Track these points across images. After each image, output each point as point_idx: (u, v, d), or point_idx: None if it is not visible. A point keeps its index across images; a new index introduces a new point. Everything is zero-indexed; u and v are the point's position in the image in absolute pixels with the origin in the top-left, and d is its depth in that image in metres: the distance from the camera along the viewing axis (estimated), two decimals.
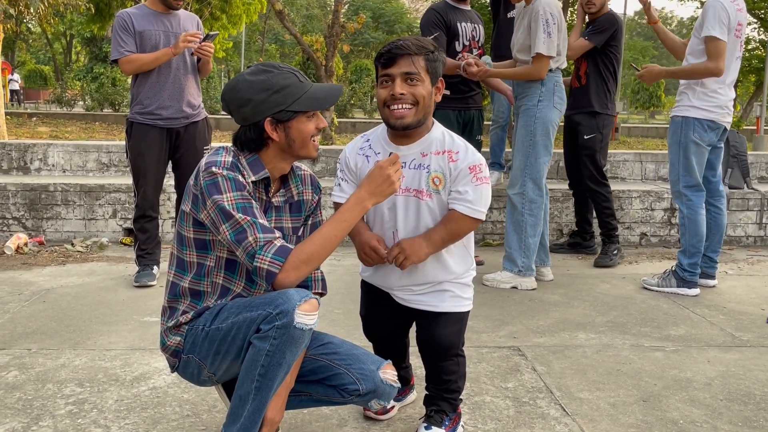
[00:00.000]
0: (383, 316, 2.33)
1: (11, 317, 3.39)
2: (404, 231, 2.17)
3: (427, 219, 2.16)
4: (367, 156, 2.21)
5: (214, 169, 1.90)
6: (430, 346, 2.22)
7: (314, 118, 1.99)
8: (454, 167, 2.12)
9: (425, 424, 2.22)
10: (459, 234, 2.16)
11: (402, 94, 2.05)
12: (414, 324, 2.35)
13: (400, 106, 2.07)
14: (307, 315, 1.82)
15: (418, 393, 2.56)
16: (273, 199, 2.05)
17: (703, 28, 3.91)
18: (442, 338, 2.19)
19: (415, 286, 2.20)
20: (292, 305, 1.80)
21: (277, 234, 1.90)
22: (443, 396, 2.25)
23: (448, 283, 2.20)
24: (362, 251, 2.20)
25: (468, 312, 2.25)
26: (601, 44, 4.71)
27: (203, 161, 1.94)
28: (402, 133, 2.13)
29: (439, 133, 2.18)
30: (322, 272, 2.17)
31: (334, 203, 2.26)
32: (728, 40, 3.90)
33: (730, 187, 5.75)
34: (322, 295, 2.14)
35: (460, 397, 2.30)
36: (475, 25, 4.38)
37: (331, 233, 1.92)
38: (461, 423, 2.31)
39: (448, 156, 2.13)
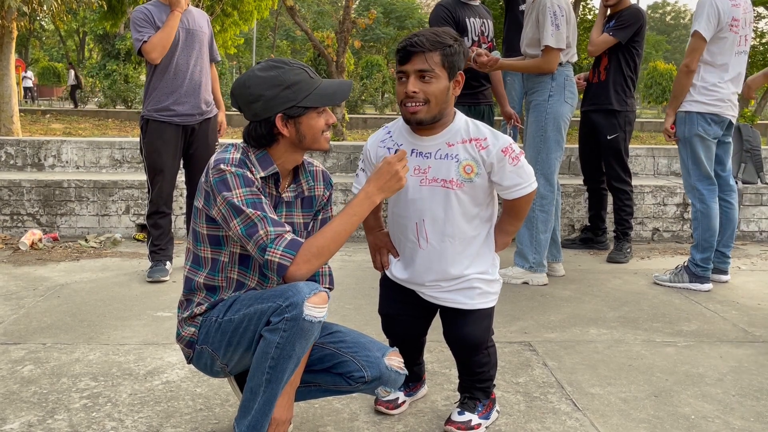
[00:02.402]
0: (407, 314, 2.32)
1: (26, 312, 3.43)
2: (431, 221, 2.16)
3: (456, 209, 2.14)
4: (388, 148, 2.20)
5: (222, 166, 1.92)
6: (461, 344, 2.23)
7: (324, 113, 2.00)
8: (486, 154, 2.11)
9: (459, 409, 2.26)
10: (524, 212, 2.24)
11: (414, 92, 2.04)
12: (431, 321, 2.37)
13: (412, 103, 2.06)
14: (316, 308, 1.84)
15: (429, 388, 2.57)
16: (283, 195, 2.06)
17: (692, 24, 4.01)
18: (472, 336, 2.20)
19: (444, 282, 2.20)
20: (302, 298, 1.82)
21: (288, 228, 1.91)
22: (476, 386, 2.28)
23: (476, 279, 2.19)
24: (374, 252, 2.36)
25: (494, 307, 2.26)
26: (626, 40, 4.67)
27: (212, 159, 1.97)
28: (425, 126, 2.12)
29: (462, 122, 2.16)
30: (330, 267, 2.19)
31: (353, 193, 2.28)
32: (727, 37, 3.93)
33: (743, 182, 5.72)
34: (330, 290, 2.16)
35: (494, 383, 2.33)
36: (484, 20, 4.37)
37: (341, 227, 1.93)
38: (496, 408, 2.34)
39: (477, 144, 2.12)
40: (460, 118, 2.17)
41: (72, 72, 26.16)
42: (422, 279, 2.22)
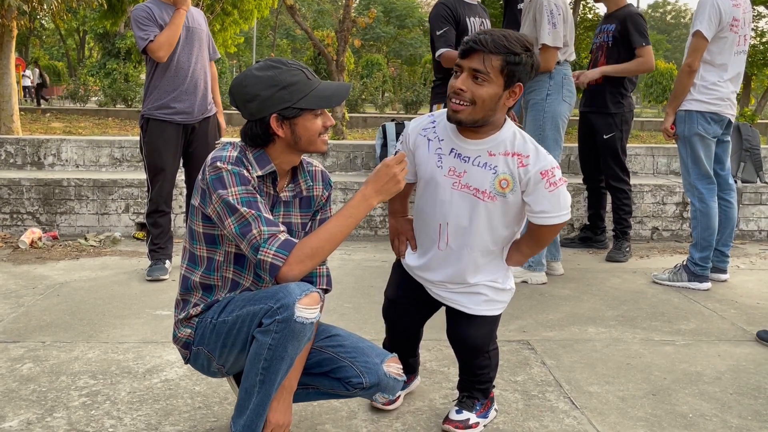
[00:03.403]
0: (411, 303, 2.32)
1: (26, 310, 3.43)
2: (454, 227, 2.13)
3: (482, 220, 2.10)
4: (429, 139, 2.15)
5: (219, 164, 1.91)
6: (462, 345, 2.24)
7: (321, 115, 1.98)
8: (524, 172, 2.03)
9: (456, 408, 2.27)
10: (547, 241, 2.18)
11: (462, 90, 1.98)
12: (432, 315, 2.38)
13: (458, 101, 2.00)
14: (307, 309, 1.82)
15: (427, 386, 2.57)
16: (281, 194, 2.05)
17: (692, 23, 4.00)
18: (473, 340, 2.20)
19: (451, 284, 2.20)
20: (293, 299, 1.81)
21: (282, 228, 1.90)
22: (475, 386, 2.28)
23: (484, 286, 2.18)
24: (394, 236, 2.36)
25: (500, 314, 2.25)
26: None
27: (209, 156, 1.96)
28: (468, 127, 2.06)
29: (510, 132, 2.08)
30: (327, 268, 2.17)
31: None
32: (727, 36, 3.94)
33: (743, 181, 5.72)
34: (326, 291, 2.15)
35: (493, 384, 2.33)
36: (483, 20, 4.37)
37: (336, 228, 1.92)
38: (494, 407, 2.34)
39: (518, 159, 2.04)
40: (509, 129, 2.09)
41: (37, 71, 26.21)
42: (431, 277, 2.23)
